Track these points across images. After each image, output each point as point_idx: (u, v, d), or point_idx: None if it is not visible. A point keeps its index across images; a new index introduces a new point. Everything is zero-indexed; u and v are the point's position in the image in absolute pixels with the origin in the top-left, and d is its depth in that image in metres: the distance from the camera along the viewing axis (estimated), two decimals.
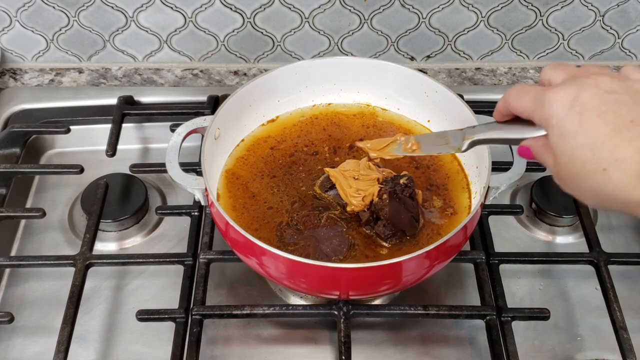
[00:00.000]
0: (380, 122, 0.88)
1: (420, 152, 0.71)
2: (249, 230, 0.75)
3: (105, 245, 0.88)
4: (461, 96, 0.82)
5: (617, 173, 0.49)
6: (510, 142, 0.62)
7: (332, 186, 0.78)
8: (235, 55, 1.09)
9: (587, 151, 0.50)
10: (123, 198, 0.91)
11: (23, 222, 0.92)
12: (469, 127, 0.66)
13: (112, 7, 1.02)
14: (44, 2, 1.01)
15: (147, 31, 1.05)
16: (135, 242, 0.90)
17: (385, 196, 0.74)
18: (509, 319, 0.76)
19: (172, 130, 0.91)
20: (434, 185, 0.81)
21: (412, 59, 1.10)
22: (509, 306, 0.77)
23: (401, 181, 0.75)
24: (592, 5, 1.03)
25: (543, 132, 0.56)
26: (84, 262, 0.80)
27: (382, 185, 0.75)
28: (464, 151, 0.66)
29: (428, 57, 1.10)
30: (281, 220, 0.77)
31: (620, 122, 0.50)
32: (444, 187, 0.81)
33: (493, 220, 0.86)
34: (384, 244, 0.74)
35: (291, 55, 1.09)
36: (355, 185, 0.76)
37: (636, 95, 0.52)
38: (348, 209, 0.76)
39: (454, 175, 0.82)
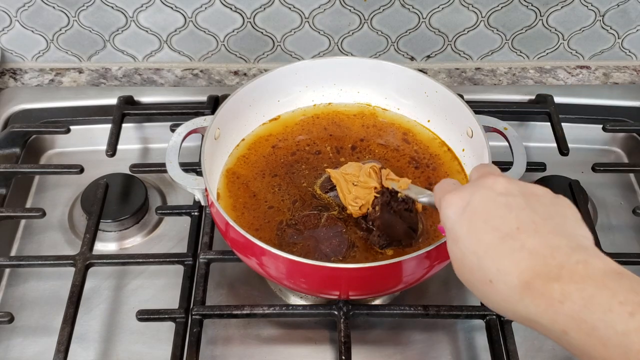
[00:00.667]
0: (381, 122, 0.88)
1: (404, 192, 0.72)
2: (250, 230, 0.75)
3: (105, 245, 0.88)
4: (461, 96, 0.82)
5: (500, 285, 0.47)
6: (433, 207, 0.62)
7: (333, 187, 0.78)
8: (235, 55, 1.09)
9: (474, 259, 0.49)
10: (123, 198, 0.91)
11: (23, 222, 0.92)
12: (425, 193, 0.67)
13: (112, 7, 1.02)
14: (44, 2, 1.01)
15: (147, 31, 1.05)
16: (135, 242, 0.90)
17: (377, 208, 0.73)
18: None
19: (172, 130, 0.91)
20: (433, 183, 0.81)
21: (412, 59, 1.10)
22: None
23: (399, 194, 0.73)
24: (592, 5, 1.03)
25: None
26: (84, 262, 0.80)
27: (377, 195, 0.74)
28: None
29: (428, 57, 1.10)
30: (281, 218, 0.77)
31: (506, 229, 0.48)
32: (441, 177, 0.81)
33: None
34: (379, 251, 0.74)
35: (291, 55, 1.09)
36: (355, 192, 0.75)
37: (531, 197, 0.50)
38: (347, 212, 0.76)
39: (454, 174, 0.82)
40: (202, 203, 0.76)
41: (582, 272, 0.44)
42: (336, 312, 0.76)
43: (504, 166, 0.78)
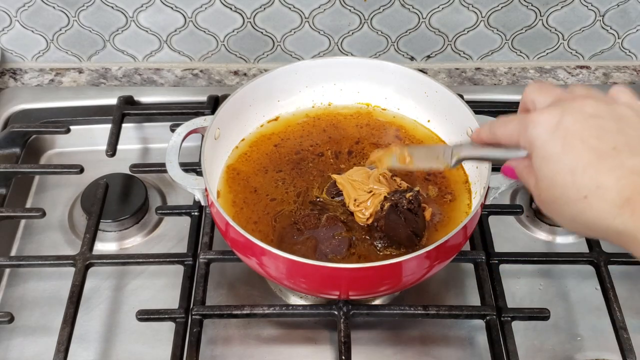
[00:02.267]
0: (375, 121, 0.88)
1: (412, 165, 0.70)
2: (249, 223, 0.76)
3: (105, 245, 0.88)
4: (461, 96, 0.82)
5: (597, 201, 0.49)
6: (495, 160, 0.62)
7: (338, 192, 0.77)
8: (235, 55, 1.09)
9: (568, 176, 0.50)
10: (123, 198, 0.91)
11: (23, 222, 0.92)
12: (457, 144, 0.66)
13: (112, 7, 1.02)
14: (44, 2, 1.01)
15: (147, 31, 1.05)
16: (135, 242, 0.90)
17: (386, 206, 0.73)
18: (509, 319, 0.76)
19: (172, 130, 0.91)
20: (431, 174, 0.81)
21: (412, 59, 1.10)
22: (509, 306, 0.77)
23: (407, 195, 0.73)
24: (592, 5, 1.03)
25: (525, 153, 0.56)
26: (84, 262, 0.80)
27: (387, 195, 0.74)
28: (452, 167, 0.65)
29: (428, 57, 1.10)
30: (282, 208, 0.77)
31: (602, 148, 0.50)
32: (441, 175, 0.81)
33: (493, 220, 0.86)
34: (379, 253, 0.74)
35: (291, 55, 1.09)
36: (364, 198, 0.74)
37: (620, 120, 0.52)
38: (355, 218, 0.76)
39: (454, 172, 0.82)
40: (202, 203, 0.76)
41: None
42: (336, 312, 0.76)
43: None
